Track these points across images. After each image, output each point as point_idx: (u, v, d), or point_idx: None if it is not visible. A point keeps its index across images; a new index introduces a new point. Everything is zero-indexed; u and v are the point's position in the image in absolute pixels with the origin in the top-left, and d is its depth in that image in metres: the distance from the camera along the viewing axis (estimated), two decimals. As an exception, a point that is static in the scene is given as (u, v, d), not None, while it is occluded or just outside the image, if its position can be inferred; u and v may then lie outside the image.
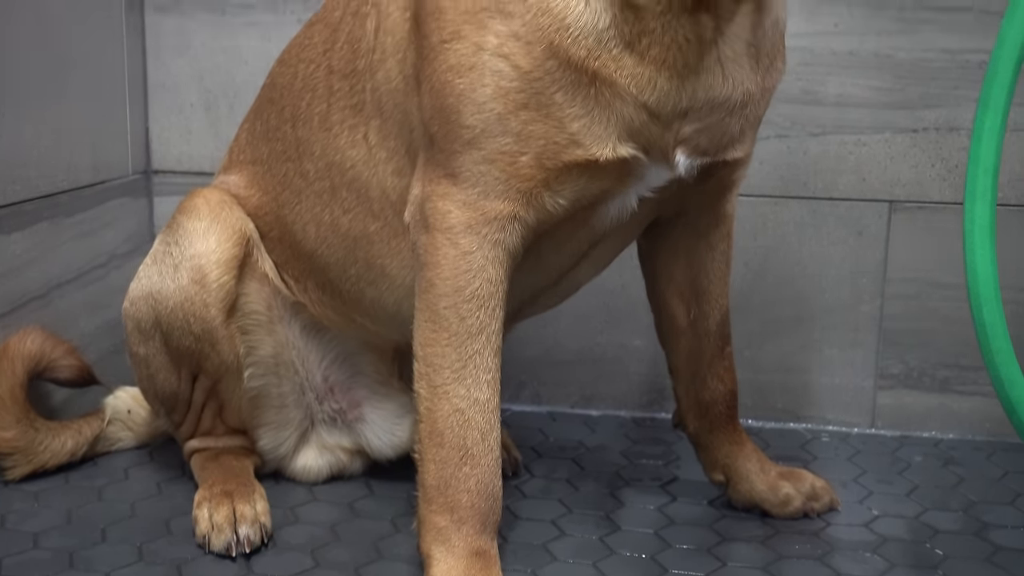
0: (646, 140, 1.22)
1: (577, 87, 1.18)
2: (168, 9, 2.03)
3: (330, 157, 1.45)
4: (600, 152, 1.20)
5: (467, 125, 1.21)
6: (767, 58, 1.28)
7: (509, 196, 1.22)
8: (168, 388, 1.56)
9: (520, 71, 1.18)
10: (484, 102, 1.19)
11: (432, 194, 1.25)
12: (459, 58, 1.20)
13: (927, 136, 1.85)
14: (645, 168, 1.25)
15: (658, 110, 1.20)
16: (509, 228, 1.23)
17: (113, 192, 1.97)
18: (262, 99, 1.60)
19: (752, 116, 1.29)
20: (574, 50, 1.17)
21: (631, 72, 1.18)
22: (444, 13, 1.21)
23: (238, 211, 1.53)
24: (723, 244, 1.47)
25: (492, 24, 1.19)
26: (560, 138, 1.20)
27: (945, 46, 1.82)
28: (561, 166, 1.21)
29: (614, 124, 1.20)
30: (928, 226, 1.87)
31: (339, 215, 1.46)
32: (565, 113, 1.19)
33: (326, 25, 1.48)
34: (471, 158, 1.22)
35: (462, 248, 1.23)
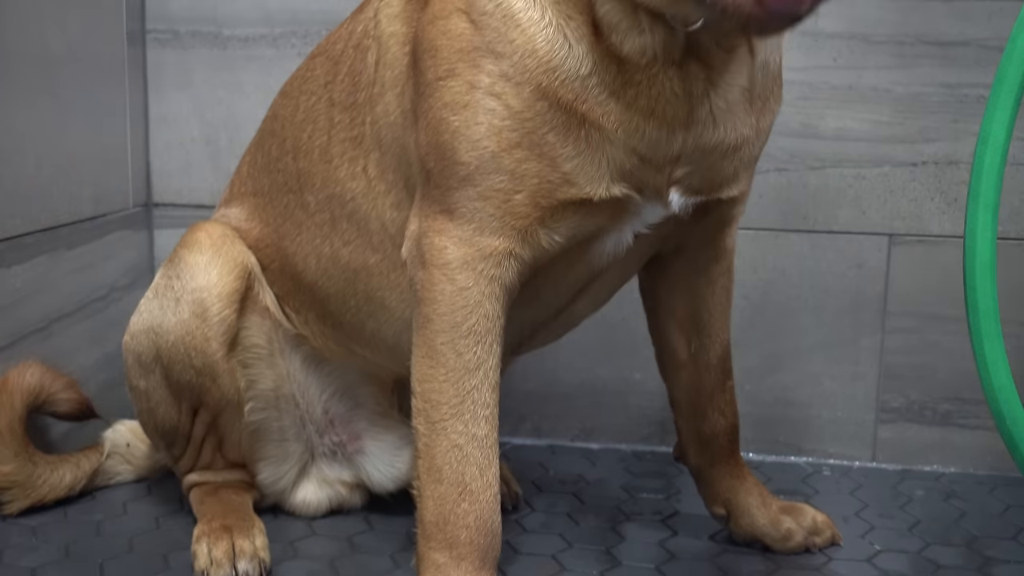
0: (639, 181, 1.22)
1: (568, 128, 1.18)
2: (169, 44, 2.04)
3: (330, 189, 1.45)
4: (594, 191, 1.21)
5: (462, 162, 1.21)
6: (761, 100, 1.27)
7: (505, 233, 1.22)
8: (168, 422, 1.56)
9: (512, 111, 1.18)
10: (478, 140, 1.20)
11: (429, 230, 1.25)
12: (453, 95, 1.21)
13: (926, 170, 1.86)
14: (640, 206, 1.25)
15: (648, 156, 1.21)
16: (505, 264, 1.23)
17: (113, 225, 1.97)
18: (264, 131, 1.60)
19: (747, 156, 1.30)
20: (562, 92, 1.17)
21: (618, 119, 1.18)
22: (439, 51, 1.22)
23: (240, 245, 1.54)
24: (723, 278, 1.47)
25: (484, 63, 1.19)
26: (554, 177, 1.20)
27: (943, 80, 1.83)
28: (556, 204, 1.21)
29: (606, 165, 1.20)
30: (928, 259, 1.88)
31: (339, 247, 1.46)
32: (558, 153, 1.19)
33: (328, 58, 1.49)
34: (466, 195, 1.22)
35: (459, 284, 1.23)
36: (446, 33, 1.22)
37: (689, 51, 1.17)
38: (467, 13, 1.20)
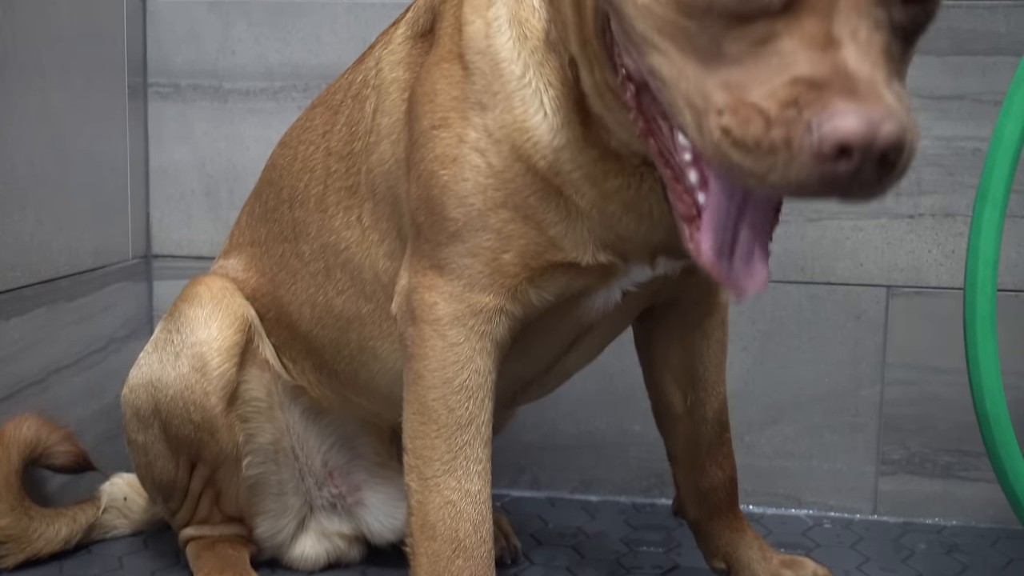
0: (623, 252, 1.22)
1: (548, 195, 1.17)
2: (170, 97, 2.06)
3: (325, 238, 1.45)
4: (580, 257, 1.20)
5: (451, 217, 1.21)
6: None
7: (495, 290, 1.22)
8: (166, 476, 1.55)
9: (493, 169, 1.17)
10: (465, 196, 1.19)
11: (419, 285, 1.25)
12: (444, 148, 1.20)
13: (923, 222, 1.87)
14: (628, 269, 1.25)
15: (629, 238, 1.20)
16: (496, 320, 1.23)
17: (113, 276, 1.97)
18: (262, 181, 1.61)
19: None
20: (536, 159, 1.16)
21: (593, 202, 1.17)
22: (437, 96, 1.22)
23: (239, 297, 1.54)
24: (718, 332, 1.46)
25: (471, 115, 1.18)
26: (540, 240, 1.19)
27: (939, 133, 1.85)
28: (544, 265, 1.21)
29: (588, 236, 1.19)
30: (926, 311, 1.88)
31: (333, 296, 1.46)
32: (542, 218, 1.18)
33: (327, 108, 1.50)
34: (456, 251, 1.22)
35: (449, 340, 1.23)
36: (446, 77, 1.21)
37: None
38: (463, 56, 1.20)
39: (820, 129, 0.82)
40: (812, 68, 0.84)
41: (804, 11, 0.86)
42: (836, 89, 0.82)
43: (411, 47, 1.33)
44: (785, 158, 0.83)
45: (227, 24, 2.03)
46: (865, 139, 0.81)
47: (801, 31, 0.85)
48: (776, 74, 0.85)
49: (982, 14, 1.81)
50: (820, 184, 0.83)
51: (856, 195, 0.86)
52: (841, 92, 0.82)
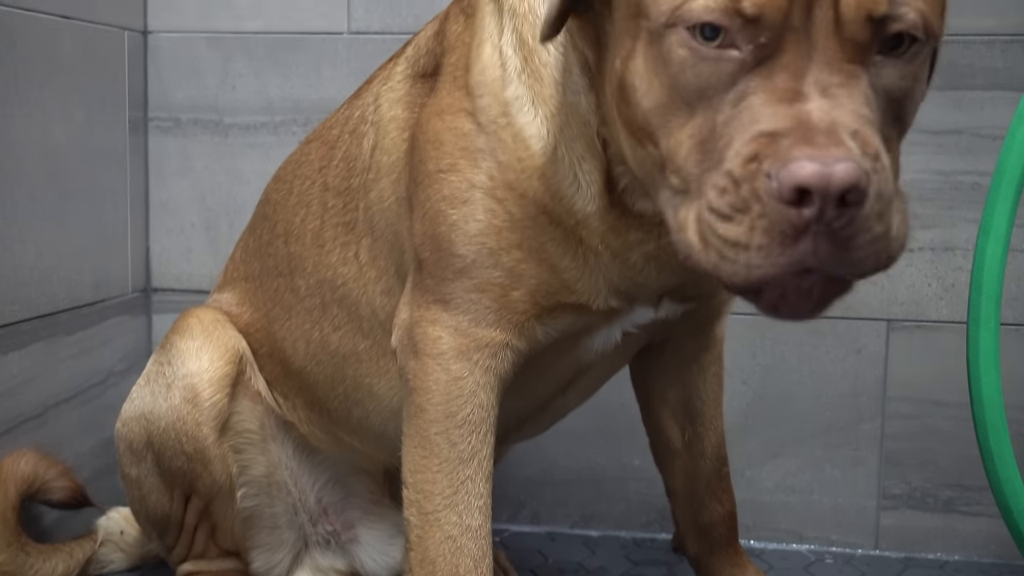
0: (633, 296, 1.23)
1: (567, 244, 1.19)
2: (171, 131, 2.06)
3: (321, 274, 1.45)
4: (592, 301, 1.21)
5: (459, 254, 1.21)
6: None
7: (501, 325, 1.22)
8: (160, 510, 1.54)
9: (512, 216, 1.19)
10: (476, 235, 1.20)
11: (422, 319, 1.25)
12: (453, 190, 1.21)
13: (923, 256, 1.87)
14: (631, 310, 1.26)
15: (645, 284, 1.22)
16: (501, 355, 1.23)
17: (112, 310, 1.97)
18: (256, 215, 1.61)
19: None
20: (565, 218, 1.18)
21: (617, 252, 1.19)
22: (443, 144, 1.22)
23: (231, 329, 1.53)
24: (714, 366, 1.46)
25: (485, 166, 1.19)
26: (553, 282, 1.20)
27: (938, 168, 1.85)
28: (555, 304, 1.21)
29: (602, 283, 1.21)
30: (926, 345, 1.88)
31: (328, 332, 1.46)
32: (557, 262, 1.19)
33: (323, 143, 1.50)
34: (462, 286, 1.22)
35: (453, 374, 1.22)
36: (453, 130, 1.22)
37: None
38: (473, 116, 1.21)
39: (779, 176, 0.85)
40: (775, 121, 0.87)
41: (777, 68, 0.89)
42: (794, 138, 0.85)
43: (410, 86, 1.33)
44: (758, 210, 0.87)
45: (228, 59, 2.04)
46: (820, 179, 0.84)
47: (772, 87, 0.88)
48: (744, 132, 0.88)
49: (979, 49, 1.81)
50: (792, 231, 0.86)
51: (834, 256, 0.88)
52: (799, 140, 0.85)
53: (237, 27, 2.03)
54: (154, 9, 2.05)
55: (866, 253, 0.90)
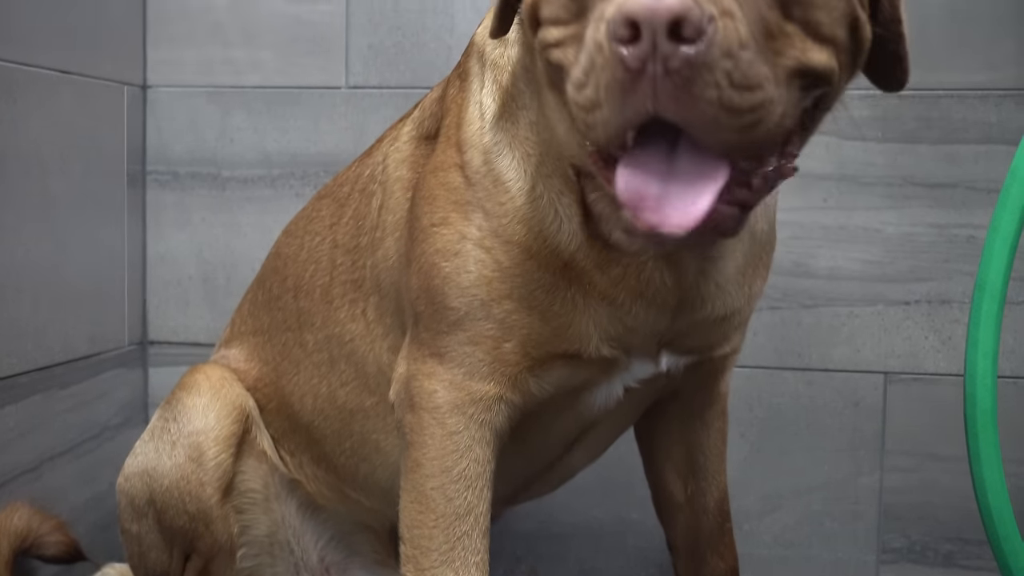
0: (627, 344, 1.22)
1: (556, 289, 1.18)
2: (169, 184, 2.07)
3: (330, 329, 1.45)
4: (583, 349, 1.20)
5: (452, 307, 1.21)
6: (752, 267, 1.27)
7: (495, 378, 1.21)
8: (159, 567, 1.53)
9: (501, 265, 1.19)
10: (467, 287, 1.20)
11: (418, 373, 1.25)
12: (445, 243, 1.21)
13: (919, 308, 1.87)
14: (629, 363, 1.25)
15: (635, 328, 1.20)
16: (496, 408, 1.22)
17: (108, 363, 1.97)
18: (266, 269, 1.61)
19: (738, 320, 1.29)
20: (551, 259, 1.17)
21: (604, 292, 1.18)
22: (436, 200, 1.23)
23: (238, 387, 1.53)
24: (718, 422, 1.46)
25: (475, 217, 1.20)
26: (543, 330, 1.19)
27: (933, 221, 1.86)
28: (545, 355, 1.21)
29: (593, 328, 1.19)
30: (924, 397, 1.87)
31: (336, 387, 1.46)
32: (547, 309, 1.19)
33: (334, 200, 1.51)
34: (456, 339, 1.22)
35: (449, 428, 1.22)
36: (445, 184, 1.23)
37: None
38: (462, 169, 1.22)
39: (612, 18, 0.86)
40: None
41: None
42: None
43: (415, 147, 1.35)
44: (600, 63, 0.88)
45: (226, 113, 2.05)
46: (646, 8, 0.83)
47: None
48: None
49: (973, 104, 1.83)
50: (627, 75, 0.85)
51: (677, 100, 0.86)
52: None
53: (236, 82, 2.04)
54: (154, 64, 2.06)
55: (718, 113, 0.86)
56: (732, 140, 0.89)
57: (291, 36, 2.03)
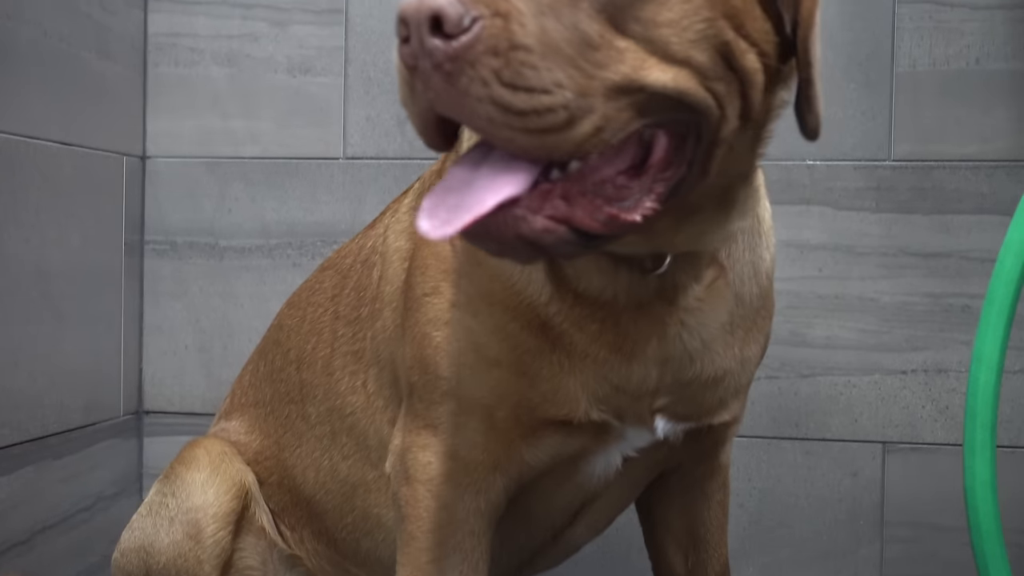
0: (617, 407, 1.19)
1: (541, 351, 1.16)
2: (167, 254, 2.08)
3: (331, 401, 1.45)
4: (572, 413, 1.17)
5: (444, 376, 1.20)
6: (743, 330, 1.24)
7: (488, 448, 1.20)
8: (153, 644, 1.51)
9: (487, 329, 1.18)
10: (458, 355, 1.19)
11: (412, 445, 1.24)
12: (436, 312, 1.21)
13: (916, 378, 1.87)
14: (623, 430, 1.22)
15: (622, 386, 1.17)
16: (490, 479, 1.21)
17: (103, 433, 1.96)
18: (268, 340, 1.61)
19: (733, 386, 1.26)
20: (529, 316, 1.16)
21: (584, 350, 1.15)
22: (428, 269, 1.24)
23: (238, 463, 1.52)
24: (719, 493, 1.44)
25: (462, 283, 1.20)
26: (533, 395, 1.18)
27: (928, 290, 1.87)
28: (537, 422, 1.19)
29: (582, 390, 1.17)
30: (923, 467, 1.87)
31: (338, 461, 1.45)
32: (535, 373, 1.17)
33: (337, 271, 1.51)
34: (449, 409, 1.21)
35: (443, 500, 1.21)
36: (436, 254, 1.24)
37: (661, 293, 1.14)
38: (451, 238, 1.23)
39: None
40: None
41: None
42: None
43: (414, 218, 1.35)
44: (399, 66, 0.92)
45: (224, 183, 2.06)
46: (412, 8, 0.87)
47: None
48: None
49: (965, 175, 1.85)
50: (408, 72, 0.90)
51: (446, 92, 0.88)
52: None
53: (235, 152, 2.06)
54: (153, 136, 2.08)
55: (490, 111, 0.87)
56: (523, 142, 0.89)
57: (290, 108, 2.05)
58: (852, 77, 1.88)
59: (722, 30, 0.95)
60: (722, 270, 1.19)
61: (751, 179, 1.15)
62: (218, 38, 2.07)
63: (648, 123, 0.94)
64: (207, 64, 2.07)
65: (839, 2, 1.87)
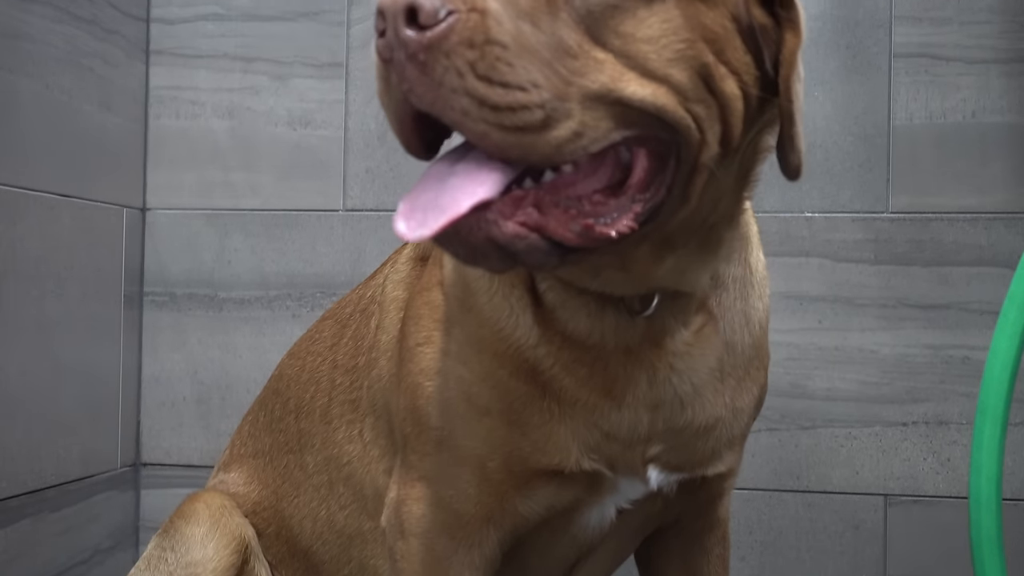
0: (608, 456, 1.17)
1: (531, 398, 1.15)
2: (166, 306, 2.08)
3: (329, 451, 1.44)
4: (564, 463, 1.16)
5: (436, 427, 1.19)
6: (734, 379, 1.22)
7: (481, 500, 1.19)
8: None
9: (477, 377, 1.17)
10: (450, 405, 1.18)
11: (407, 497, 1.23)
12: (428, 361, 1.21)
13: (917, 430, 1.87)
14: (616, 481, 1.20)
15: (613, 433, 1.16)
16: (484, 532, 1.20)
17: (100, 486, 1.94)
18: (268, 390, 1.60)
19: (725, 436, 1.23)
20: (518, 362, 1.15)
21: (574, 395, 1.14)
22: (421, 319, 1.23)
23: (238, 516, 1.50)
24: (718, 548, 1.43)
25: (453, 331, 1.19)
26: (524, 445, 1.16)
27: (928, 342, 1.87)
28: (529, 472, 1.17)
29: (572, 438, 1.15)
30: (925, 520, 1.86)
31: (335, 511, 1.44)
32: (526, 421, 1.16)
33: (336, 321, 1.51)
34: (442, 460, 1.20)
35: (437, 553, 1.20)
36: (428, 303, 1.23)
37: (648, 336, 1.14)
38: (441, 285, 1.23)
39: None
40: None
41: None
42: None
43: (411, 268, 1.36)
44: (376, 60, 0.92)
45: (224, 235, 2.07)
46: (389, 0, 0.88)
47: None
48: None
49: (963, 227, 1.86)
50: (384, 65, 0.90)
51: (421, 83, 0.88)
52: None
53: (235, 204, 2.07)
54: (153, 187, 2.09)
55: (465, 103, 0.88)
56: (498, 139, 0.89)
57: (290, 160, 2.06)
58: (849, 130, 1.90)
59: (702, 52, 0.96)
60: (711, 317, 1.18)
61: (737, 221, 1.15)
62: (219, 91, 2.08)
63: (627, 136, 0.95)
64: (208, 117, 2.08)
65: (836, 56, 1.89)
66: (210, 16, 2.09)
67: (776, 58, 1.03)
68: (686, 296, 1.15)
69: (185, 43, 2.09)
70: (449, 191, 0.91)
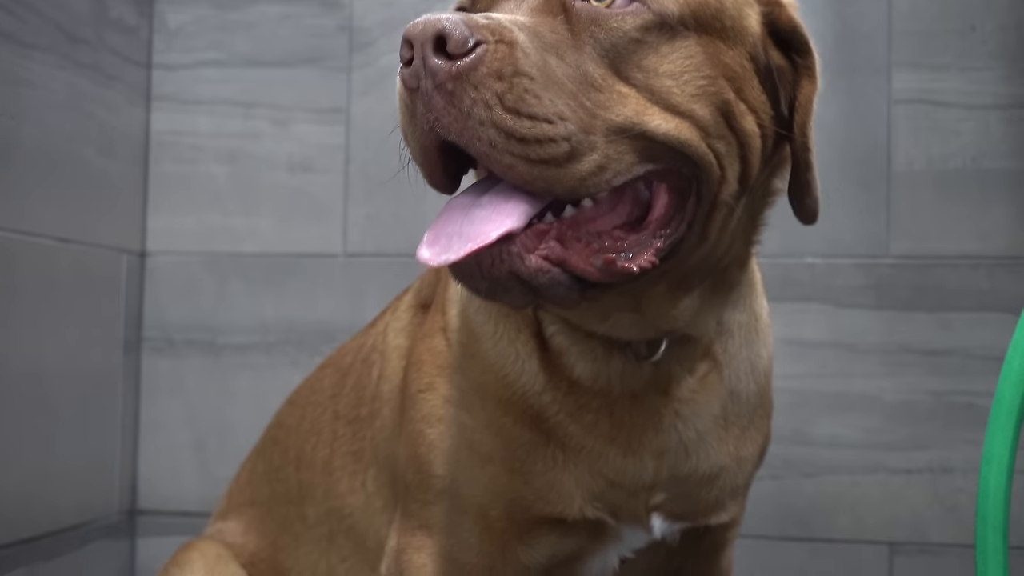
0: (612, 504, 1.17)
1: (535, 445, 1.14)
2: (164, 351, 2.07)
3: (331, 503, 1.42)
4: (566, 511, 1.15)
5: (437, 475, 1.18)
6: (738, 428, 1.22)
7: (483, 550, 1.17)
8: None
9: (479, 424, 1.16)
10: (452, 453, 1.17)
11: (407, 546, 1.21)
12: (430, 408, 1.20)
13: (921, 477, 1.85)
14: (619, 529, 1.19)
15: (617, 481, 1.15)
16: None
17: (95, 533, 1.92)
18: (267, 439, 1.59)
19: (729, 485, 1.23)
20: (522, 408, 1.14)
21: (579, 442, 1.14)
22: (423, 365, 1.22)
23: (234, 566, 1.49)
24: None
25: (455, 378, 1.19)
26: (527, 492, 1.15)
27: (931, 388, 1.85)
28: (531, 520, 1.17)
29: (576, 486, 1.14)
30: (930, 569, 1.83)
31: (336, 563, 1.42)
32: (528, 469, 1.15)
33: (336, 370, 1.50)
34: (443, 508, 1.19)
35: None
36: (431, 350, 1.23)
37: (654, 382, 1.14)
38: (444, 331, 1.22)
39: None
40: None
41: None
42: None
43: (412, 316, 1.35)
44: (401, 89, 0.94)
45: (223, 280, 2.06)
46: (417, 28, 0.89)
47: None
48: None
49: (966, 272, 1.85)
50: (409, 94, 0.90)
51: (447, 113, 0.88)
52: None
53: (234, 249, 2.06)
54: (153, 232, 2.08)
55: (492, 135, 0.88)
56: (524, 171, 0.90)
57: (290, 205, 2.05)
58: (849, 176, 1.89)
59: (723, 89, 0.98)
60: (716, 364, 1.18)
61: (747, 265, 1.16)
62: (219, 136, 2.08)
63: (649, 170, 0.96)
64: (208, 162, 2.08)
65: (837, 102, 1.89)
66: (211, 62, 2.09)
67: (792, 101, 1.04)
68: (692, 342, 1.14)
69: (186, 89, 2.10)
70: (475, 222, 0.91)
